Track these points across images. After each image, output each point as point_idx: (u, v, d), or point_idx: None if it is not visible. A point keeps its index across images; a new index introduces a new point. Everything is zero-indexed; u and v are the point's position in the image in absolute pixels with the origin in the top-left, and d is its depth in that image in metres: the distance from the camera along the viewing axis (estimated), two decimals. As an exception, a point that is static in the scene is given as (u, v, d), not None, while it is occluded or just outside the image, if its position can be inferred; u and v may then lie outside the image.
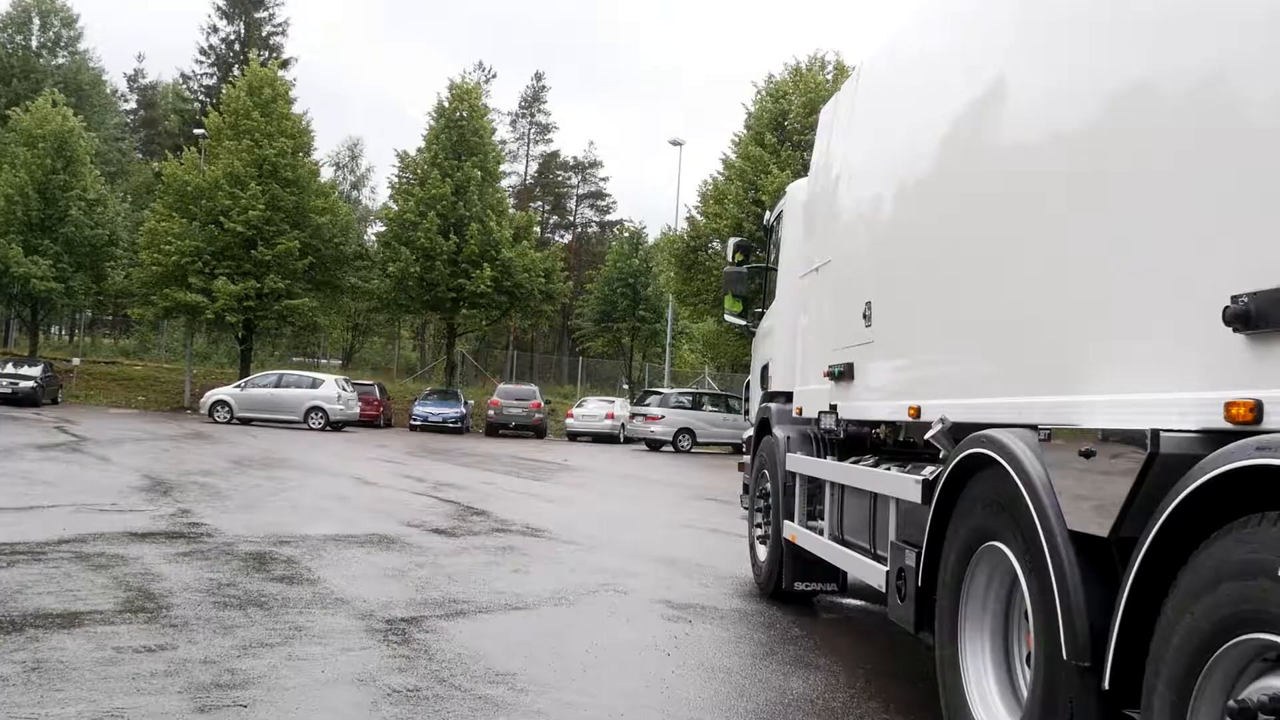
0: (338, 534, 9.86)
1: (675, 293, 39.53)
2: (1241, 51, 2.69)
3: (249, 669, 5.03)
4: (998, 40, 4.30)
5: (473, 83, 46.28)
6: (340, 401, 32.91)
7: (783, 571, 7.37)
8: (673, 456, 30.80)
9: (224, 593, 6.79)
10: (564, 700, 4.85)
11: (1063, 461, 3.25)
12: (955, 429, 4.31)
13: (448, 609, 6.71)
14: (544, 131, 76.30)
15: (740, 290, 9.17)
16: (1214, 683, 2.48)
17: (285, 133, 39.97)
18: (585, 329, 56.13)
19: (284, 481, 15.07)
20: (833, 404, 6.33)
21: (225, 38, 60.97)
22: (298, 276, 39.14)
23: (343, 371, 48.91)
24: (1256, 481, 2.38)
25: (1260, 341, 2.54)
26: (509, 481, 17.69)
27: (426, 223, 40.50)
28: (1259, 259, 2.55)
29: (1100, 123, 3.39)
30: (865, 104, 6.22)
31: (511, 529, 11.06)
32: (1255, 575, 2.29)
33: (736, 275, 9.16)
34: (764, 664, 5.81)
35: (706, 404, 35.44)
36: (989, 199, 4.25)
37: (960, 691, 4.00)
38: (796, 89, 37.36)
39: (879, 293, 5.55)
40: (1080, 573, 3.12)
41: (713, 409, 34.91)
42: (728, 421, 33.00)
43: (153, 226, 38.46)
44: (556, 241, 69.61)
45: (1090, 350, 3.39)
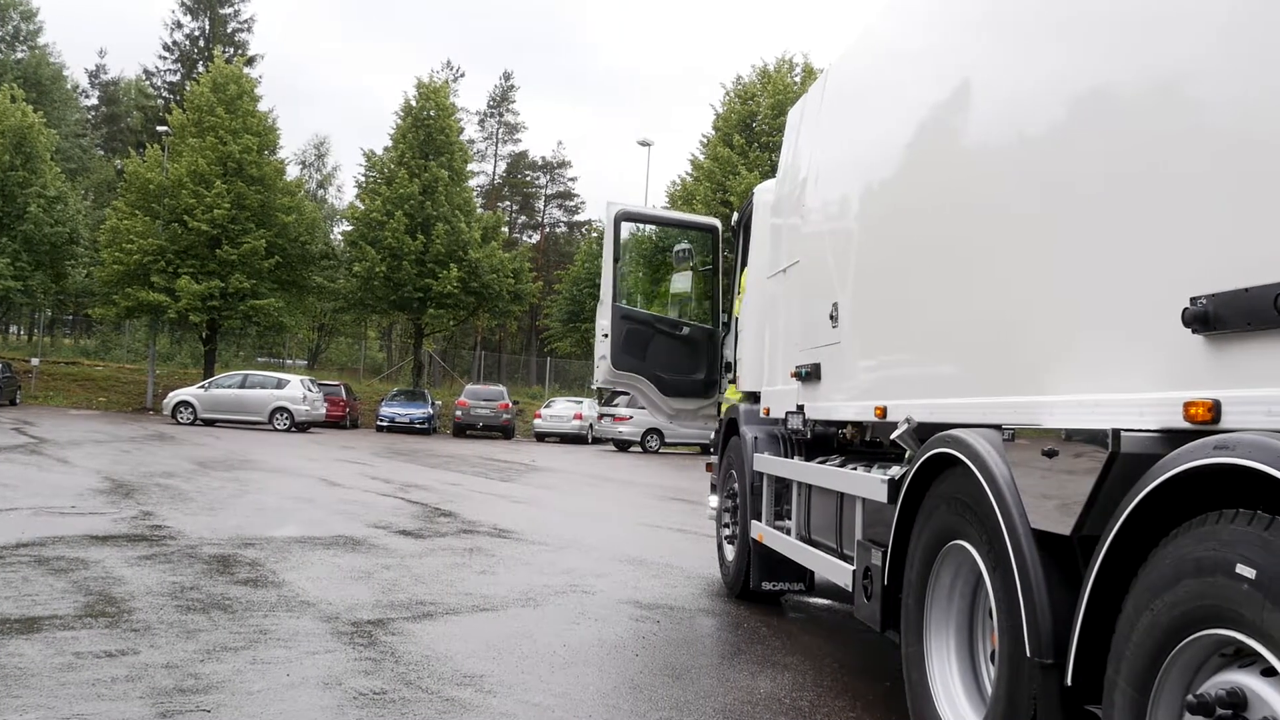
0: (303, 536, 9.79)
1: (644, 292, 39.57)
2: (1201, 55, 2.72)
3: (212, 673, 4.98)
4: (963, 44, 4.34)
5: (440, 82, 46.15)
6: (306, 402, 32.68)
7: (750, 571, 7.39)
8: (641, 457, 30.81)
9: (187, 596, 6.72)
10: (532, 702, 4.84)
11: (1026, 461, 3.28)
12: (921, 429, 4.35)
13: (415, 611, 6.68)
14: (512, 131, 76.19)
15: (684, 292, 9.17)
16: (1174, 678, 2.52)
17: (250, 130, 39.68)
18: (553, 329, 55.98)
19: (248, 483, 14.94)
20: (800, 404, 6.36)
21: (189, 34, 60.41)
22: (263, 276, 38.86)
23: (308, 372, 48.56)
24: (1215, 480, 2.41)
25: (1218, 342, 2.57)
26: (476, 482, 17.63)
27: (393, 222, 40.35)
28: (1217, 261, 2.59)
29: (1063, 125, 3.43)
30: (832, 106, 6.25)
31: (479, 530, 11.03)
32: (1214, 572, 2.32)
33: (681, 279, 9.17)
34: (732, 664, 5.82)
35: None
36: (954, 201, 4.28)
37: (926, 689, 4.03)
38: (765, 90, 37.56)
39: (846, 294, 5.58)
40: (1043, 571, 3.16)
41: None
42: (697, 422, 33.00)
43: (115, 225, 38.06)
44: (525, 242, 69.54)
45: (1053, 351, 3.43)
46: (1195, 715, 2.38)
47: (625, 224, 9.20)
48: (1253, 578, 2.19)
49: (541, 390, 50.90)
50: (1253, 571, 2.19)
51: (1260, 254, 2.44)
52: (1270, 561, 2.15)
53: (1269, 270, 2.39)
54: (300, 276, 41.37)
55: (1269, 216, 2.44)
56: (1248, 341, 2.48)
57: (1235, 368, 2.52)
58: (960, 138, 4.29)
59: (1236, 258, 2.52)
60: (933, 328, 4.49)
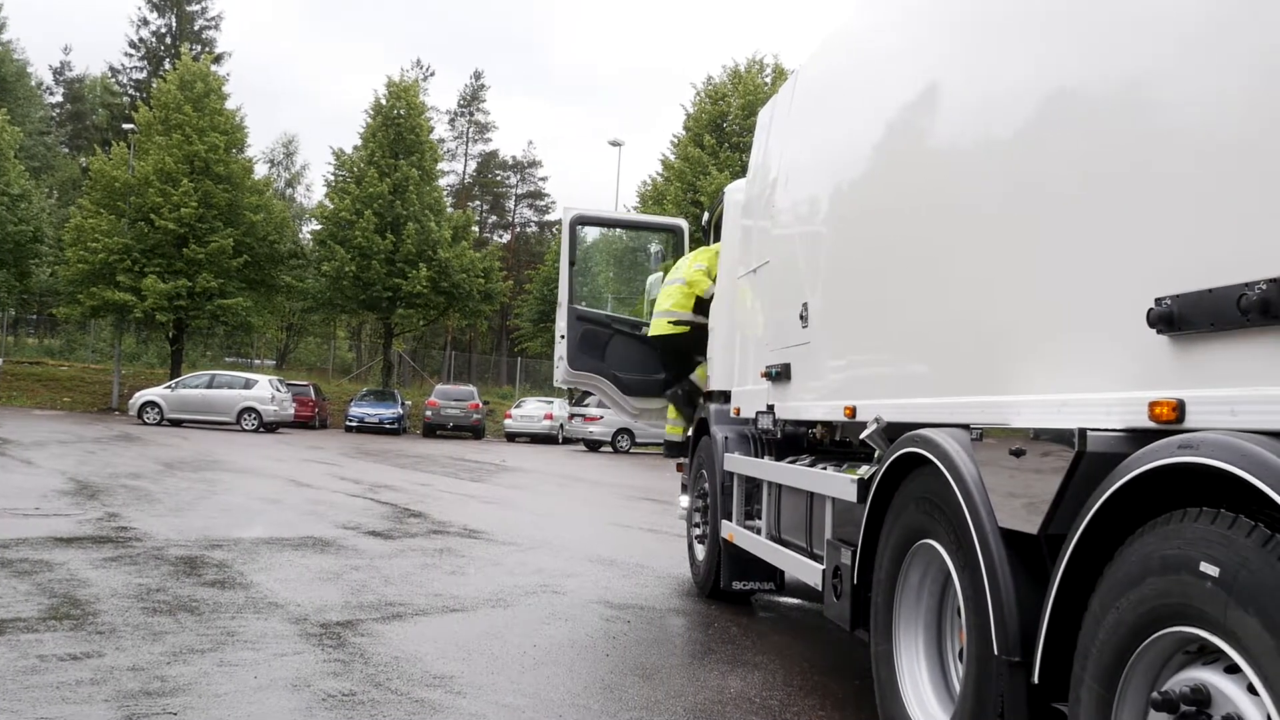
0: (271, 537, 9.72)
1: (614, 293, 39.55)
2: (1168, 58, 2.75)
3: (179, 676, 4.94)
4: (933, 45, 4.36)
5: (410, 80, 45.93)
6: (274, 402, 32.46)
7: (721, 571, 7.40)
8: (611, 457, 30.80)
9: (153, 598, 6.66)
10: (502, 702, 4.83)
11: (994, 460, 3.31)
12: (890, 429, 4.37)
13: (384, 612, 6.65)
14: (483, 130, 76.02)
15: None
16: (1139, 675, 2.54)
17: (218, 128, 39.36)
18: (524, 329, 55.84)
19: (216, 484, 14.82)
20: (770, 404, 6.37)
21: (156, 31, 59.92)
22: (231, 275, 38.57)
23: (277, 372, 48.20)
24: (1179, 479, 2.44)
25: (1182, 343, 2.60)
26: (446, 483, 17.57)
27: (363, 221, 40.16)
28: (1181, 262, 2.62)
29: (1031, 127, 3.45)
30: (802, 106, 6.27)
31: (449, 530, 10.99)
32: (1178, 570, 2.35)
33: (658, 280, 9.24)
34: (702, 663, 5.83)
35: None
36: (923, 202, 4.30)
37: (895, 687, 4.05)
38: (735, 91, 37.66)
39: (816, 294, 5.60)
40: (1011, 569, 3.18)
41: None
42: (666, 422, 33.05)
43: (80, 223, 37.64)
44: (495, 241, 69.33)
45: (1021, 351, 3.45)
46: (1160, 712, 2.40)
47: (586, 227, 9.29)
48: (1216, 575, 2.22)
49: (512, 390, 50.80)
50: (1216, 569, 2.22)
51: (1224, 255, 2.47)
52: (1233, 559, 2.18)
53: (1232, 271, 2.41)
54: (268, 276, 41.07)
55: (1232, 218, 2.46)
56: (1211, 342, 2.51)
57: (1199, 368, 2.55)
58: (930, 138, 4.31)
59: (1200, 259, 2.55)
60: (902, 328, 4.51)
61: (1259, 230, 2.37)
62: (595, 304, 10.02)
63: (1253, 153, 2.40)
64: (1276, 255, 2.30)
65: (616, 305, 10.69)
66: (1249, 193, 2.41)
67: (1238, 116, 2.46)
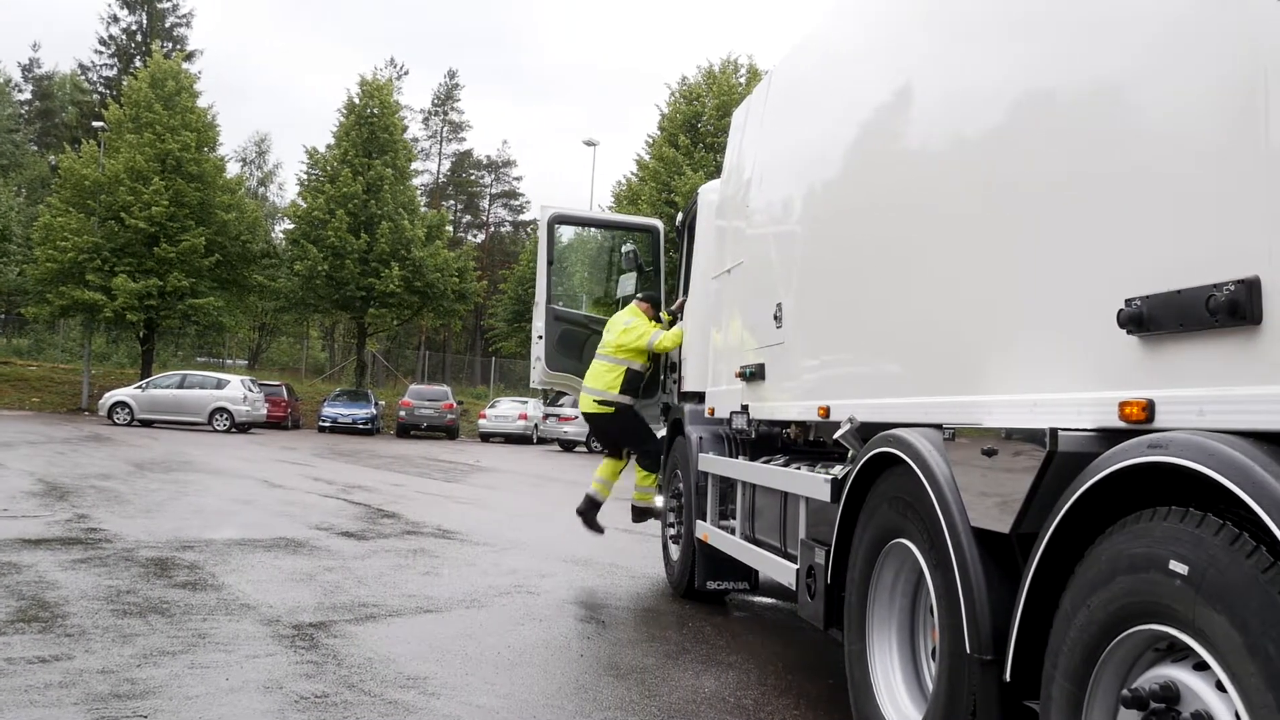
0: (243, 538, 9.65)
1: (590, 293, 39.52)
2: (1138, 60, 2.77)
3: (149, 678, 4.89)
4: (904, 46, 4.38)
5: (384, 79, 45.74)
6: (246, 402, 32.24)
7: (695, 571, 7.41)
8: (586, 457, 30.75)
9: (123, 600, 6.60)
10: (476, 703, 4.82)
11: (966, 460, 3.33)
12: (863, 429, 4.39)
13: (357, 613, 6.62)
14: (456, 130, 75.74)
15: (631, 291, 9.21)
16: (1109, 672, 2.56)
17: (189, 126, 39.06)
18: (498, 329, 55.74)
19: (187, 485, 14.70)
20: (744, 404, 6.39)
21: (126, 28, 59.35)
22: (202, 274, 38.30)
23: (249, 372, 47.91)
24: (1149, 478, 2.46)
25: (1152, 343, 2.63)
26: (420, 483, 17.50)
27: (336, 220, 39.97)
28: (1151, 263, 2.64)
29: (1003, 128, 3.48)
30: (776, 107, 6.29)
31: (423, 531, 10.95)
32: (1148, 569, 2.37)
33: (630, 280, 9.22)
34: (676, 663, 5.84)
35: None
36: (896, 202, 4.32)
37: (868, 686, 4.07)
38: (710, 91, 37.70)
39: (790, 295, 5.61)
40: (983, 568, 3.20)
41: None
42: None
43: (48, 222, 37.23)
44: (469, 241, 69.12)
45: (993, 351, 3.47)
46: (1130, 709, 2.42)
47: (564, 226, 9.25)
48: (1185, 574, 2.24)
49: (486, 390, 50.68)
50: (1185, 568, 2.24)
51: (1193, 256, 2.50)
52: (1202, 558, 2.20)
53: (1201, 272, 2.44)
54: (240, 275, 40.80)
55: (1201, 220, 2.49)
56: (1180, 342, 2.53)
57: (1169, 368, 2.57)
58: (902, 139, 4.33)
59: (1170, 260, 2.57)
60: (875, 328, 4.53)
61: (1227, 232, 2.40)
62: (572, 304, 10.00)
63: (1221, 155, 2.42)
64: (1244, 257, 2.33)
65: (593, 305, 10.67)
66: (1218, 195, 2.43)
67: (1207, 119, 2.48)
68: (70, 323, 45.17)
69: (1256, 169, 2.30)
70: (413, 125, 62.62)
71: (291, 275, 41.51)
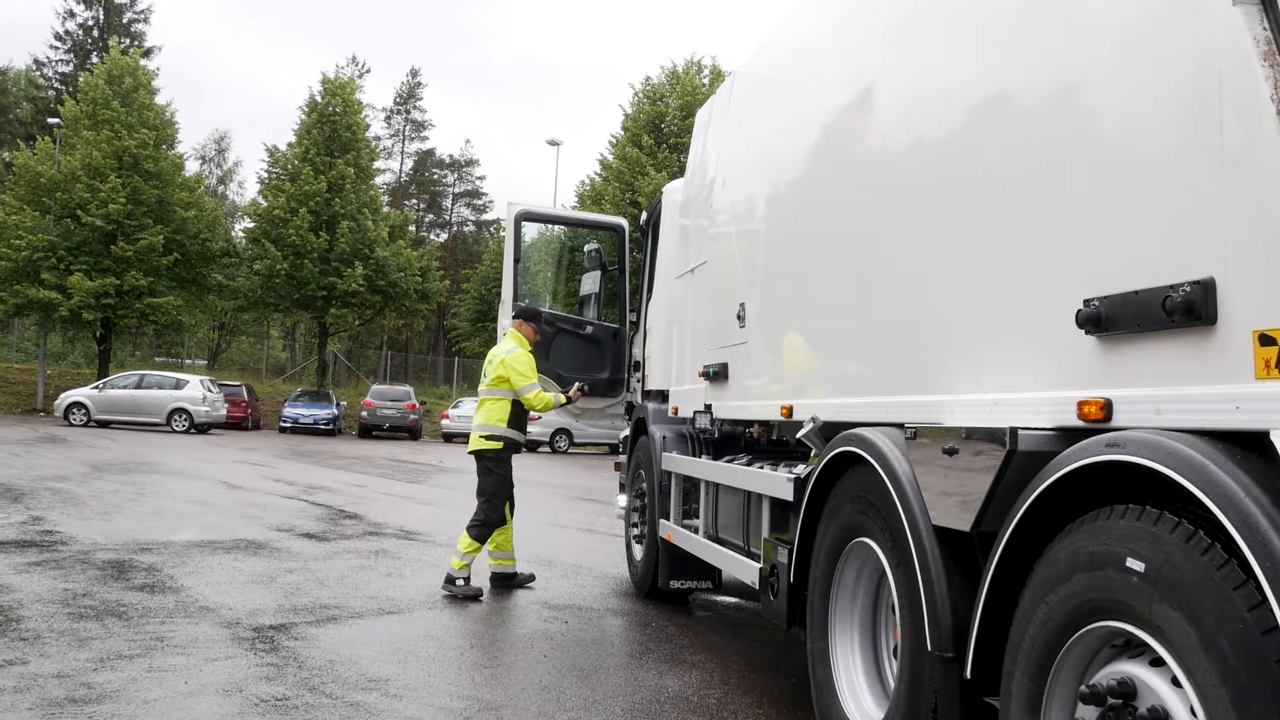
0: (202, 540, 9.55)
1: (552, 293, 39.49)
2: (1096, 64, 2.80)
3: (106, 682, 4.83)
4: (865, 48, 4.40)
5: (346, 77, 45.41)
6: (205, 403, 31.88)
7: (659, 570, 7.42)
8: (549, 457, 30.70)
9: (79, 603, 6.51)
10: (439, 705, 4.79)
11: (928, 459, 3.35)
12: (826, 428, 4.41)
13: (318, 615, 6.56)
14: (419, 129, 75.29)
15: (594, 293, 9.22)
16: (1068, 669, 2.59)
17: (147, 124, 38.59)
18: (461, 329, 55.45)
19: (145, 486, 14.52)
20: (708, 404, 6.40)
21: (83, 23, 58.49)
22: (161, 273, 37.83)
23: (208, 372, 47.39)
24: (1107, 476, 2.49)
25: (1110, 343, 2.66)
26: (382, 484, 17.40)
27: (297, 219, 39.65)
28: (1109, 264, 2.67)
29: (964, 130, 3.50)
30: (739, 107, 6.30)
31: (385, 532, 10.88)
32: (1105, 566, 2.40)
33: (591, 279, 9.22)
34: (640, 663, 5.84)
35: (583, 404, 35.29)
36: (857, 202, 4.35)
37: (831, 684, 4.09)
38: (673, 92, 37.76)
39: (753, 294, 5.63)
40: (944, 566, 3.23)
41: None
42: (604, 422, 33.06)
43: (2, 219, 36.62)
44: (432, 240, 68.75)
45: (954, 351, 3.50)
46: (1088, 705, 2.45)
47: (529, 224, 9.20)
48: (1142, 571, 2.27)
49: (449, 390, 50.44)
50: (1142, 565, 2.27)
51: (1150, 257, 2.53)
52: (1158, 555, 2.23)
53: (1158, 273, 2.47)
54: (200, 274, 40.37)
55: (1158, 222, 2.52)
56: (1138, 342, 2.56)
57: (1126, 368, 2.60)
58: (865, 140, 4.36)
59: (1127, 261, 2.60)
60: (837, 328, 4.55)
61: (1183, 234, 2.43)
62: (536, 302, 9.97)
63: (1178, 158, 2.45)
64: (1200, 259, 2.36)
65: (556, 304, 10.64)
66: (1174, 197, 2.47)
67: (1164, 123, 2.51)
68: (25, 322, 44.40)
69: (1212, 172, 2.33)
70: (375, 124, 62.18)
71: (251, 274, 41.13)
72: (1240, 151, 2.24)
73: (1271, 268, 2.16)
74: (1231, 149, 2.27)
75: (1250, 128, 2.20)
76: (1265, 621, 1.95)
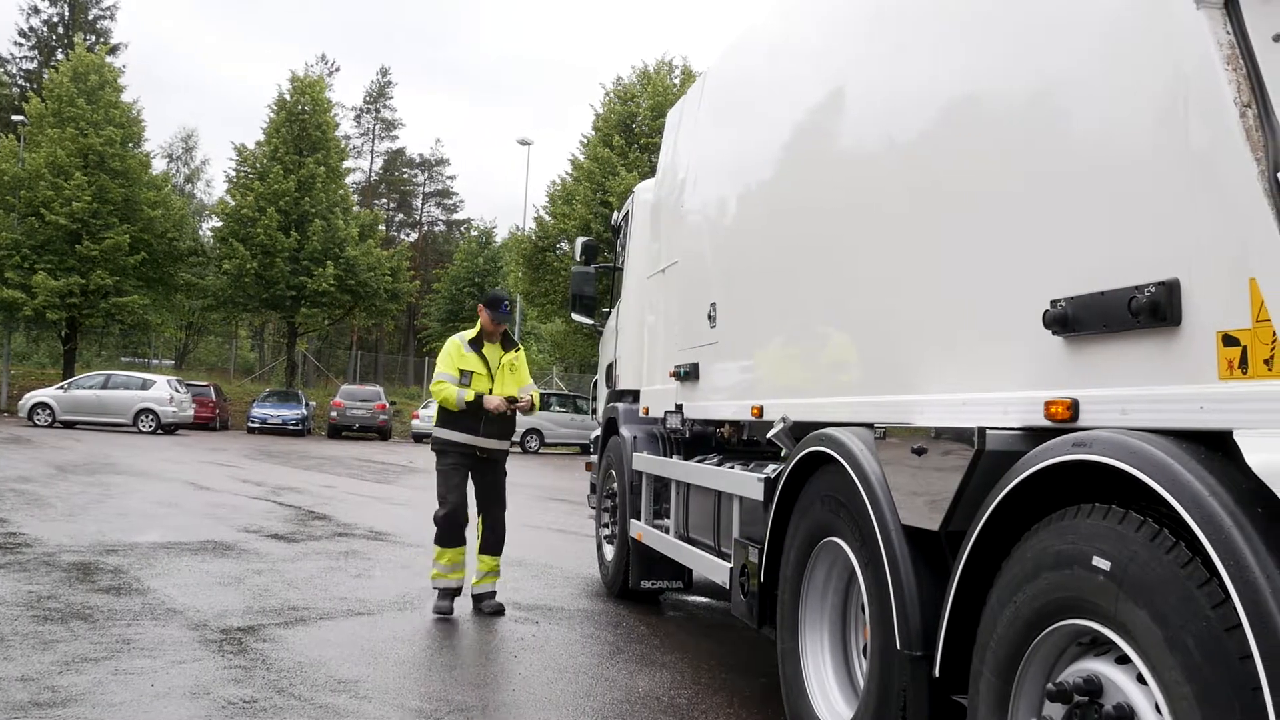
0: (169, 542, 9.46)
1: (523, 293, 39.41)
2: (1066, 68, 2.83)
3: (71, 686, 4.77)
4: (836, 49, 4.42)
5: (315, 76, 45.12)
6: (173, 403, 31.57)
7: (629, 570, 7.42)
8: (520, 457, 30.62)
9: (44, 606, 6.43)
10: (408, 706, 4.77)
11: (897, 459, 3.37)
12: (796, 428, 4.42)
13: (287, 616, 6.52)
14: (389, 128, 74.90)
15: (588, 290, 9.21)
16: (1035, 667, 2.61)
17: (114, 121, 38.18)
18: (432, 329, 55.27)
19: (111, 487, 14.37)
20: (678, 404, 6.41)
21: (48, 20, 57.83)
22: (127, 272, 37.43)
23: (176, 372, 46.93)
24: (1073, 476, 2.51)
25: (1076, 344, 2.68)
26: (352, 484, 17.30)
27: (266, 219, 39.35)
28: (1076, 265, 2.70)
29: (934, 131, 3.53)
30: (710, 108, 6.31)
31: (354, 533, 10.82)
32: (1071, 565, 2.42)
33: (584, 275, 9.21)
34: (611, 663, 5.83)
35: (554, 404, 35.33)
36: (827, 203, 4.36)
37: (801, 684, 4.10)
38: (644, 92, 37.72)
39: (723, 294, 5.64)
40: (913, 566, 3.25)
41: (560, 409, 34.86)
42: (575, 422, 33.08)
43: (-36, 218, 36.16)
44: (402, 240, 68.41)
45: (923, 351, 3.52)
46: (1055, 702, 2.47)
47: None
48: (1107, 569, 2.29)
49: (419, 390, 50.20)
50: (1107, 563, 2.29)
51: (1116, 259, 2.55)
52: (1123, 554, 2.25)
53: (1124, 274, 2.49)
54: (167, 273, 39.98)
55: (1124, 224, 2.54)
56: (1104, 343, 2.59)
57: (1092, 368, 2.63)
58: (834, 141, 4.37)
59: (1094, 262, 2.63)
60: (807, 328, 4.57)
61: (1149, 236, 2.46)
62: None
63: (1145, 162, 2.48)
64: (1165, 260, 2.39)
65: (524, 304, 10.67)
66: (1140, 200, 2.49)
67: (1132, 126, 2.53)
68: (-13, 321, 43.91)
69: (1177, 175, 2.36)
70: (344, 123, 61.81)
71: (220, 273, 40.79)
72: (1205, 155, 2.26)
73: (1234, 270, 2.18)
74: (1196, 152, 2.30)
75: (1214, 131, 2.22)
76: (1228, 619, 1.97)
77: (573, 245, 10.23)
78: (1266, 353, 2.11)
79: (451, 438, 7.13)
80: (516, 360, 7.39)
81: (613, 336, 8.75)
